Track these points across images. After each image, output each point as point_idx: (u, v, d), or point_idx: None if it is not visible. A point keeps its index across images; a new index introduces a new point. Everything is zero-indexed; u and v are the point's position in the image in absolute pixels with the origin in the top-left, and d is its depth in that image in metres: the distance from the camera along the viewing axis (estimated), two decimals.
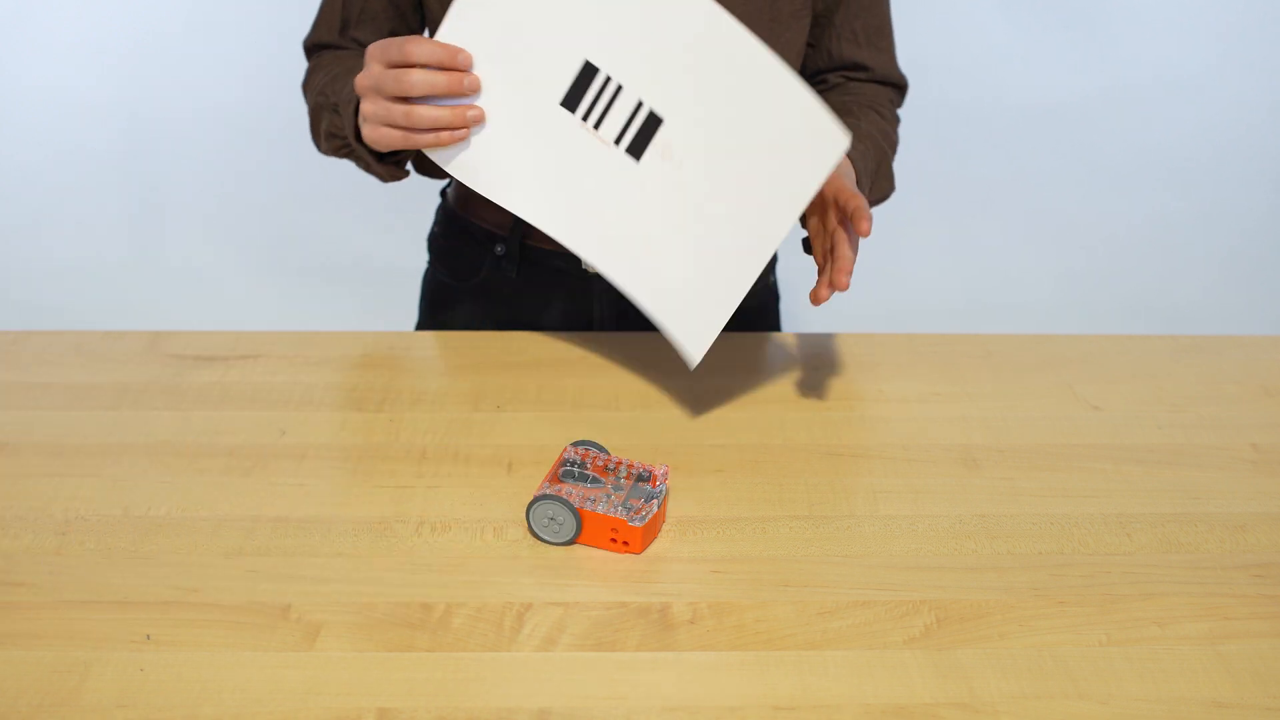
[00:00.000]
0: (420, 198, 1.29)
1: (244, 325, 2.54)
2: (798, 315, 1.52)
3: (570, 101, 0.89)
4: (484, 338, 1.12)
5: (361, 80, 0.91)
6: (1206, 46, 2.66)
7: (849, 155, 1.01)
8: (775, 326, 1.30)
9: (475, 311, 1.21)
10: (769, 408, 1.00)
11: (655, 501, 0.82)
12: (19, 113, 2.64)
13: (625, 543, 0.81)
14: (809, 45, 1.15)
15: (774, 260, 1.28)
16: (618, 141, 0.89)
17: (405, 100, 0.89)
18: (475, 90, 0.89)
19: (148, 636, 0.72)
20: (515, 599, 0.77)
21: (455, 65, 0.87)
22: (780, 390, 1.04)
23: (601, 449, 0.88)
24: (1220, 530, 0.86)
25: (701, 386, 1.04)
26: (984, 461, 0.94)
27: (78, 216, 2.70)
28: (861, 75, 1.15)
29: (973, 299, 2.73)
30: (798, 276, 1.38)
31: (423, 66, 0.88)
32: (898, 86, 1.18)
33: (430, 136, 0.90)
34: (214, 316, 2.63)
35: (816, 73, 1.18)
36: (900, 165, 1.28)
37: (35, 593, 0.76)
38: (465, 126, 0.90)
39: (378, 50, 0.89)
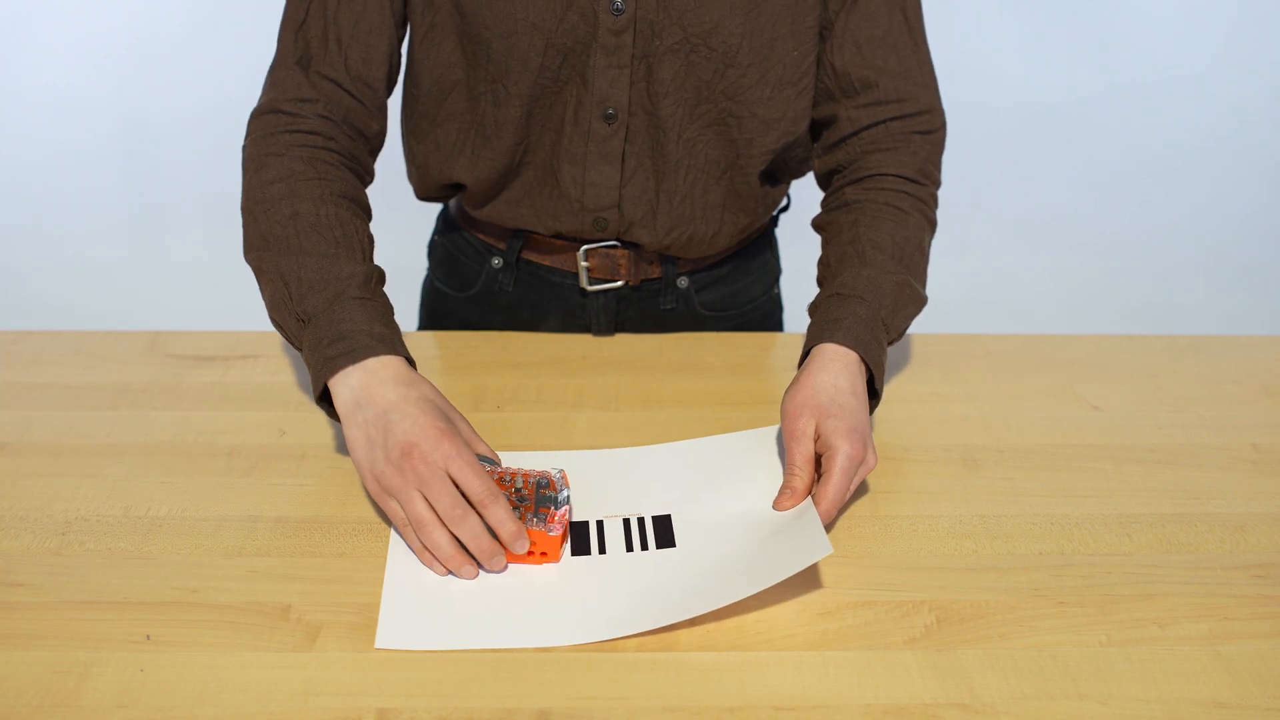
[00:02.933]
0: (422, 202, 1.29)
1: (244, 325, 2.54)
2: (801, 323, 1.52)
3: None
4: (484, 338, 1.12)
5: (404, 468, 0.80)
6: (1205, 46, 2.66)
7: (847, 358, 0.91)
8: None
9: (472, 322, 1.21)
10: (769, 408, 1.00)
11: (566, 507, 0.80)
12: (19, 113, 2.63)
13: (544, 554, 0.79)
14: (817, 63, 1.06)
15: (777, 272, 1.27)
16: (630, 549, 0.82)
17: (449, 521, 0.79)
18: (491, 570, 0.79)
19: (148, 637, 0.72)
20: None
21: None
22: (780, 390, 1.04)
23: (492, 462, 0.84)
24: (1220, 530, 0.86)
25: (702, 387, 1.04)
26: (984, 461, 0.94)
27: (78, 216, 2.70)
28: (868, 100, 1.04)
29: (972, 299, 2.73)
30: (798, 281, 1.37)
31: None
32: (920, 113, 1.05)
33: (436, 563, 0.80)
34: (214, 316, 2.63)
35: (827, 122, 1.07)
36: None
37: (35, 593, 0.76)
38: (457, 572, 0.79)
39: (445, 458, 0.79)
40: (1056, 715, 0.68)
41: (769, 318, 1.26)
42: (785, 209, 1.23)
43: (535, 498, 0.81)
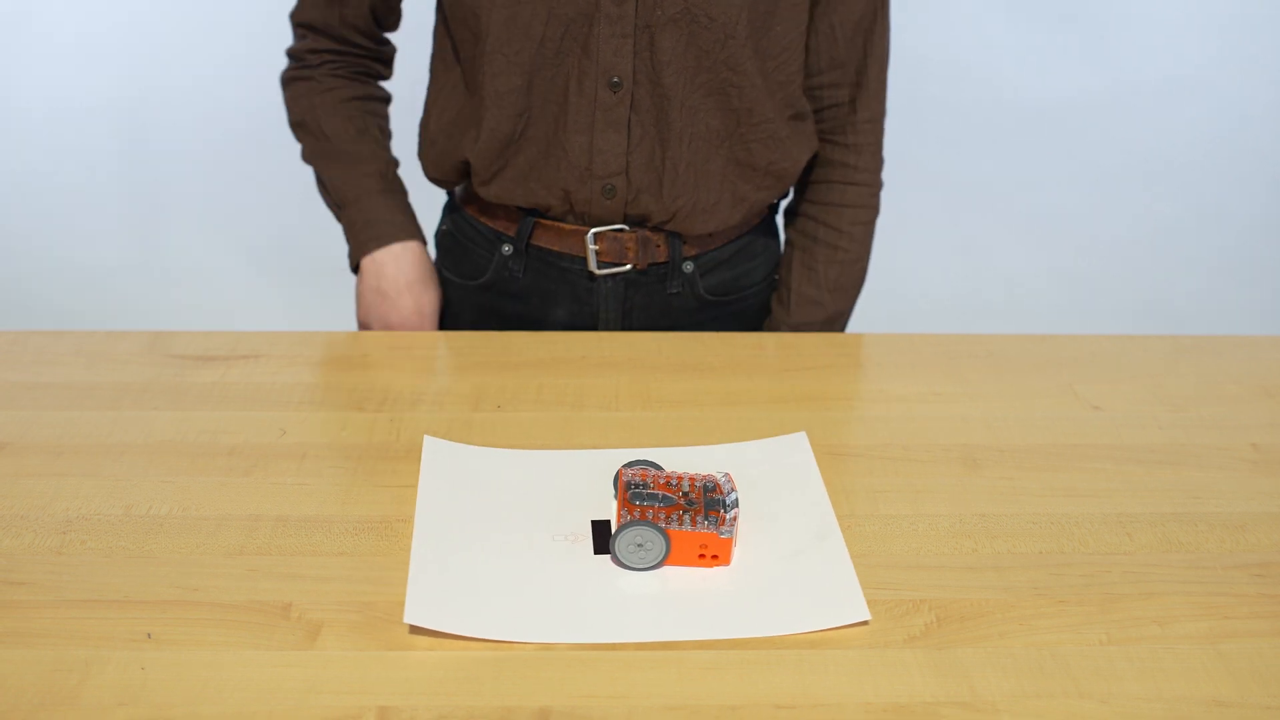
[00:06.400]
0: (427, 195, 1.29)
1: (244, 325, 2.54)
2: None
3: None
4: (484, 338, 1.12)
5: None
6: (1205, 47, 2.66)
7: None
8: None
9: (482, 310, 1.22)
10: (769, 408, 1.00)
11: (735, 509, 0.80)
12: (19, 113, 2.63)
13: (715, 556, 0.79)
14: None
15: (778, 256, 1.28)
16: None
17: None
18: None
19: (148, 636, 0.72)
20: None
21: None
22: (780, 390, 1.04)
23: (655, 465, 0.86)
24: (1220, 530, 0.86)
25: (702, 386, 1.04)
26: (984, 461, 0.94)
27: (78, 217, 2.70)
28: (829, 82, 1.14)
29: (972, 299, 2.73)
30: None
31: None
32: (861, 111, 1.16)
33: None
34: (214, 316, 2.63)
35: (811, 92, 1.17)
36: (900, 163, 1.27)
37: (36, 592, 0.76)
38: None
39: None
40: (1056, 714, 0.68)
41: (767, 306, 1.27)
42: (785, 195, 1.24)
43: (704, 501, 0.80)
